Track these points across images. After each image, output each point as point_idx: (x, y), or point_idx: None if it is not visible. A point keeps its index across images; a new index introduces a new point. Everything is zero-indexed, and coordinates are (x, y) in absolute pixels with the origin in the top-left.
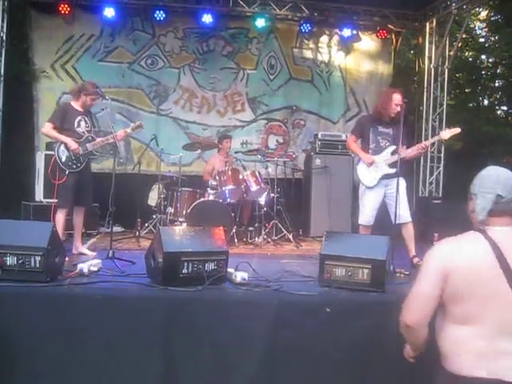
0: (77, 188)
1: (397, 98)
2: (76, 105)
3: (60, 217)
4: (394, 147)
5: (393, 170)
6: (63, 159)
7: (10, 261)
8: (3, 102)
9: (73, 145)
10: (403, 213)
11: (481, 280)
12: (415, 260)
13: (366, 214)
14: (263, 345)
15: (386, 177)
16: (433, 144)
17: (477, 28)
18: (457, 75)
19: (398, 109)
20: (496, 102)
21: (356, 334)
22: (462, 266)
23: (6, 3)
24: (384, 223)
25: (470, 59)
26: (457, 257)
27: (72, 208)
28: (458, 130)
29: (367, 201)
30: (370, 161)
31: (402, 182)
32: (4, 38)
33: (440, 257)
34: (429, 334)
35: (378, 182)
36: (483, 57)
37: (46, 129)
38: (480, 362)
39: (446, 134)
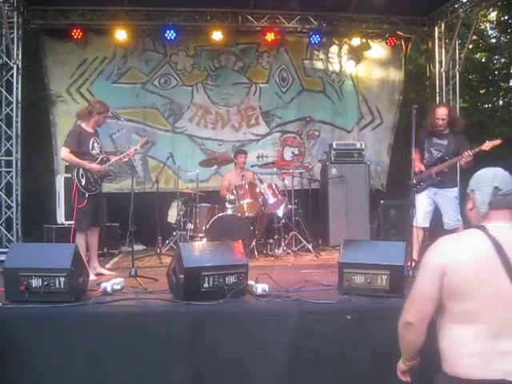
0: (93, 210)
1: (438, 112)
2: (87, 126)
3: (80, 239)
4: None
5: (437, 179)
6: (83, 183)
7: (35, 283)
8: (22, 127)
9: (95, 167)
10: (448, 220)
11: (481, 278)
12: None
13: (416, 216)
14: (285, 355)
15: (432, 185)
16: None
17: (488, 28)
18: (470, 77)
19: (440, 122)
20: (511, 102)
21: (377, 340)
22: (461, 263)
23: (20, 31)
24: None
25: (483, 60)
26: (456, 254)
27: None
28: (498, 142)
29: (417, 204)
30: (416, 169)
31: (451, 191)
32: (20, 65)
33: (439, 254)
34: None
35: (425, 188)
36: (496, 57)
37: (64, 154)
38: (484, 363)
39: (488, 145)
